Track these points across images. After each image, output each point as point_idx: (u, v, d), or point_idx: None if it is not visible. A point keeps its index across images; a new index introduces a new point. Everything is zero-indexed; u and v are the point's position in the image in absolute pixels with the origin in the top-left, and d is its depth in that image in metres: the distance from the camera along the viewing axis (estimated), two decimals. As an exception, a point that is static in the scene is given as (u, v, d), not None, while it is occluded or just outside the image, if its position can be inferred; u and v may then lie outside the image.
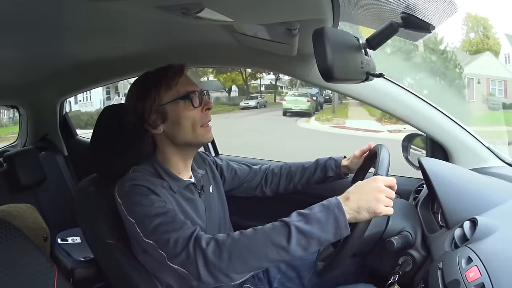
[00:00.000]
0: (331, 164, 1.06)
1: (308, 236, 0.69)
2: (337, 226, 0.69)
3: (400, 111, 1.04)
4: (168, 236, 0.74)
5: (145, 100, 0.84)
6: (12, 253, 0.77)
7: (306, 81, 1.10)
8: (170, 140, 0.87)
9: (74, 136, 2.01)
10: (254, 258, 0.71)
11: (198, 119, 0.85)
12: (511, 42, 12.63)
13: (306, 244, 0.70)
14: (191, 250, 0.72)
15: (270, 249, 0.70)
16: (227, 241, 0.72)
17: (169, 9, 0.63)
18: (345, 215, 0.70)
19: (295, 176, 1.09)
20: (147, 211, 0.77)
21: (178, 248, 0.73)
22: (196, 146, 0.91)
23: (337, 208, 0.70)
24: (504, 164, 1.02)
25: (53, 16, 0.75)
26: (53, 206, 1.75)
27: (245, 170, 1.10)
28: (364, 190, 0.72)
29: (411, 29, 0.66)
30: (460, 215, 0.78)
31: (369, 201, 0.70)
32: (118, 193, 0.81)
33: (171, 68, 0.86)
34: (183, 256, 0.73)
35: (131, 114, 0.87)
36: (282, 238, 0.70)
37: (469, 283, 0.59)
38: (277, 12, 0.68)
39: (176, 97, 0.84)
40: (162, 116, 0.85)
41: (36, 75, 1.52)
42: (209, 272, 0.71)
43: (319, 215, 0.70)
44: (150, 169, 0.86)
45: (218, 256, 0.71)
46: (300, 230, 0.69)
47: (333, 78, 0.61)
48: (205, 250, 0.71)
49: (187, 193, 0.88)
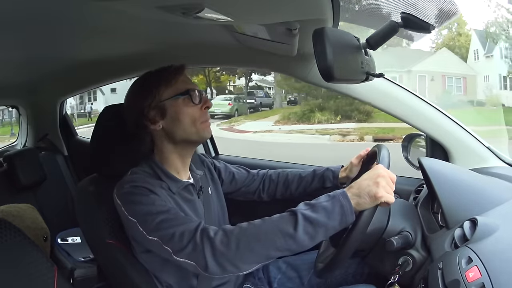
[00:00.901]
0: (329, 175, 1.06)
1: (315, 224, 0.70)
2: (343, 213, 0.70)
3: (400, 111, 1.04)
4: (173, 230, 0.74)
5: (145, 97, 0.85)
6: (12, 253, 0.77)
7: (306, 81, 1.10)
8: (169, 137, 0.87)
9: (74, 136, 2.01)
10: (261, 246, 0.71)
11: (197, 116, 0.86)
12: (480, 38, 12.36)
13: (313, 231, 0.70)
14: (198, 240, 0.72)
15: (277, 236, 0.70)
16: (235, 230, 0.73)
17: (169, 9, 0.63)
18: (350, 201, 0.71)
19: (292, 184, 1.09)
20: (149, 209, 0.77)
21: (184, 241, 0.73)
22: (195, 143, 0.91)
23: (342, 196, 0.72)
24: (504, 164, 1.02)
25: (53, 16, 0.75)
26: (53, 206, 1.75)
27: (243, 174, 1.11)
28: (365, 176, 0.74)
29: (411, 29, 0.66)
30: (460, 215, 0.78)
31: (369, 185, 0.71)
32: (117, 195, 0.81)
33: (171, 68, 0.87)
34: (190, 248, 0.72)
35: (131, 111, 0.87)
36: (289, 226, 0.70)
37: (469, 283, 0.59)
38: (277, 12, 0.68)
39: (175, 93, 0.85)
40: (162, 112, 0.85)
41: (36, 75, 1.52)
42: (217, 262, 0.71)
43: (325, 203, 0.72)
44: (149, 170, 0.86)
45: (226, 245, 0.71)
46: (307, 217, 0.70)
47: (333, 78, 0.61)
48: (213, 239, 0.71)
49: (186, 194, 0.88)
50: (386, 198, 0.71)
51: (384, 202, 0.71)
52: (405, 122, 1.04)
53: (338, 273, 1.02)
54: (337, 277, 1.02)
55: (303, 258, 1.07)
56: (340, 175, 1.05)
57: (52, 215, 1.66)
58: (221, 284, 0.91)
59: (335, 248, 0.88)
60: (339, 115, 10.77)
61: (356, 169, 1.03)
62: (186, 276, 0.85)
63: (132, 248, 0.88)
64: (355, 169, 1.03)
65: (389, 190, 0.72)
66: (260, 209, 1.21)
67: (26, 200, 1.59)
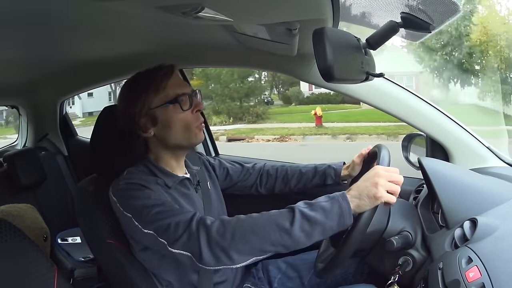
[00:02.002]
0: (331, 173, 1.05)
1: (312, 221, 0.70)
2: (341, 214, 0.70)
3: (400, 111, 1.04)
4: (169, 221, 0.74)
5: (135, 104, 0.84)
6: (12, 253, 0.77)
7: (306, 81, 1.10)
8: (162, 143, 0.87)
9: (74, 136, 2.01)
10: (256, 238, 0.71)
11: (189, 121, 0.85)
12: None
13: (309, 229, 0.70)
14: (194, 229, 0.72)
15: (273, 230, 0.70)
16: (232, 220, 0.73)
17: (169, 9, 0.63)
18: (349, 203, 0.71)
19: (292, 180, 1.09)
20: (144, 203, 0.77)
21: (179, 231, 0.73)
22: (188, 147, 0.91)
23: (341, 197, 0.71)
24: (504, 164, 1.01)
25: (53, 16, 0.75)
26: (53, 206, 1.75)
27: (237, 169, 1.10)
28: (364, 178, 0.74)
29: (411, 29, 0.66)
30: (460, 215, 0.78)
31: (368, 187, 0.71)
32: (112, 192, 0.82)
33: (160, 71, 0.85)
34: (185, 238, 0.72)
35: (122, 118, 0.87)
36: (286, 221, 0.70)
37: (469, 283, 0.59)
38: (277, 12, 0.68)
39: (164, 101, 0.83)
40: (153, 120, 0.84)
41: (36, 75, 1.53)
42: (211, 251, 0.71)
43: (324, 203, 0.72)
44: (144, 168, 0.86)
45: (222, 234, 0.71)
46: (304, 214, 0.70)
47: (333, 78, 0.61)
48: (210, 227, 0.72)
49: (182, 188, 0.88)
50: (386, 198, 0.71)
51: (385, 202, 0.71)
52: (405, 122, 1.04)
53: (338, 273, 1.02)
54: (337, 277, 1.02)
55: (303, 258, 1.07)
56: (342, 173, 1.05)
57: (52, 215, 1.66)
58: (221, 282, 0.91)
59: (335, 248, 0.88)
60: (231, 117, 11.42)
61: (358, 167, 1.02)
62: (186, 272, 0.85)
63: (131, 247, 0.88)
64: (357, 167, 1.02)
65: (389, 187, 0.71)
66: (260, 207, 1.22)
67: (26, 200, 1.59)
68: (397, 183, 0.73)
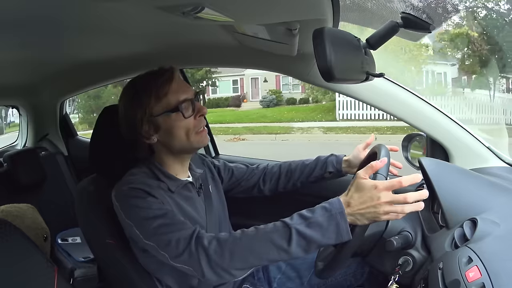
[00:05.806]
0: (332, 160, 1.06)
1: (309, 240, 0.70)
2: (338, 232, 0.70)
3: (400, 111, 1.04)
4: (169, 237, 0.74)
5: (136, 110, 0.83)
6: (12, 253, 0.77)
7: (306, 81, 1.10)
8: (166, 148, 0.87)
9: (74, 136, 2.01)
10: (255, 258, 0.72)
11: (191, 127, 0.84)
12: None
13: (306, 246, 0.71)
14: (193, 249, 0.73)
15: (271, 249, 0.71)
16: (228, 240, 0.73)
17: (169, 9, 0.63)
18: (347, 221, 0.70)
19: (295, 173, 1.08)
20: (145, 214, 0.77)
21: (180, 248, 0.74)
22: (192, 151, 0.91)
23: (339, 214, 0.70)
24: (504, 164, 1.01)
25: (53, 16, 0.75)
26: (53, 206, 1.75)
27: (242, 169, 1.10)
28: (365, 197, 0.70)
29: (411, 29, 0.66)
30: (460, 215, 0.78)
31: (369, 212, 0.70)
32: (115, 196, 0.81)
33: (161, 77, 0.83)
34: (186, 256, 0.73)
35: (124, 123, 0.86)
36: (283, 241, 0.70)
37: (469, 283, 0.59)
38: (277, 12, 0.68)
39: (166, 109, 0.82)
40: (155, 127, 0.84)
41: (36, 75, 1.52)
42: (213, 270, 0.72)
43: (320, 219, 0.70)
44: (147, 170, 0.86)
45: (220, 255, 0.72)
46: (300, 233, 0.70)
47: (333, 78, 0.61)
48: (207, 249, 0.72)
49: (185, 192, 0.88)
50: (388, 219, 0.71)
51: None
52: (405, 122, 1.04)
53: (338, 273, 1.02)
54: (337, 277, 1.02)
55: (303, 257, 1.06)
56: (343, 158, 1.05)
57: (52, 215, 1.66)
58: (221, 284, 0.91)
59: (335, 248, 0.88)
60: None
61: (358, 154, 1.03)
62: (185, 276, 0.85)
63: (132, 247, 0.87)
64: (358, 154, 1.03)
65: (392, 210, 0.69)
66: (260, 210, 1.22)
67: (26, 200, 1.59)
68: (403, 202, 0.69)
